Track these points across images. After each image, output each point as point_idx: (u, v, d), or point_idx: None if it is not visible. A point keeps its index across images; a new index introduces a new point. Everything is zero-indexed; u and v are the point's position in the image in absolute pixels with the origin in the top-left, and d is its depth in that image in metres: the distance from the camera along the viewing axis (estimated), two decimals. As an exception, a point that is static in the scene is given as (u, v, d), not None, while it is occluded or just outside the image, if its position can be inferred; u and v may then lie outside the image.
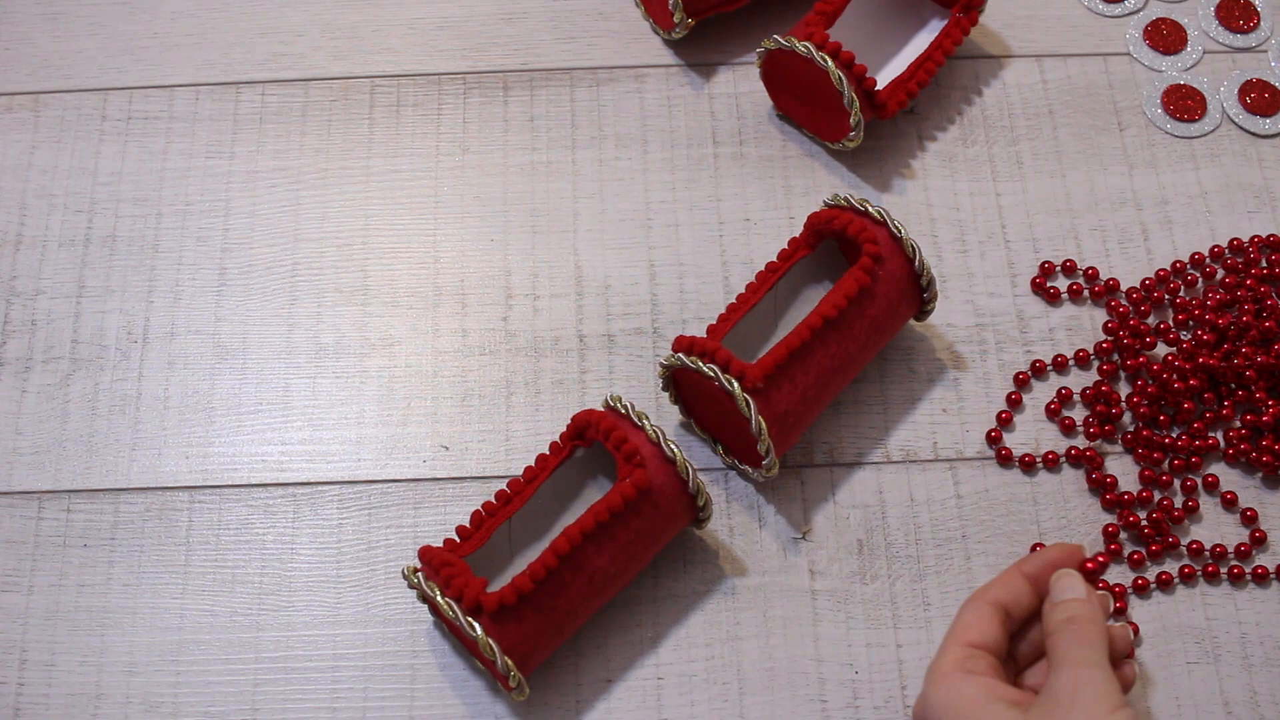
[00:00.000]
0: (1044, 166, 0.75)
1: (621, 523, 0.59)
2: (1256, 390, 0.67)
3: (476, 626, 0.56)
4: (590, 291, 0.71)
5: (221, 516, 0.66)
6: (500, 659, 0.56)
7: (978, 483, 0.67)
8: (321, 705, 0.62)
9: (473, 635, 0.56)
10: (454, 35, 0.79)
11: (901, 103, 0.73)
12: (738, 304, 0.66)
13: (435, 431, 0.68)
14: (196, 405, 0.69)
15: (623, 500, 0.58)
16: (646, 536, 0.60)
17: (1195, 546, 0.65)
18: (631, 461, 0.59)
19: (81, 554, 0.65)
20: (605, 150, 0.75)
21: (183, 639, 0.63)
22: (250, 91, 0.77)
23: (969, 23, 0.75)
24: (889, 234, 0.65)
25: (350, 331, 0.70)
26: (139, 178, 0.75)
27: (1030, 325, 0.71)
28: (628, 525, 0.59)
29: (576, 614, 0.60)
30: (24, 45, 0.79)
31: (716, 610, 0.64)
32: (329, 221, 0.73)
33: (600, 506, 0.58)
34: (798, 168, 0.75)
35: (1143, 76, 0.78)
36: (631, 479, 0.59)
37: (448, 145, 0.76)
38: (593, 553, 0.59)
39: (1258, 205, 0.74)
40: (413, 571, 0.59)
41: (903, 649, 0.63)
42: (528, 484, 0.61)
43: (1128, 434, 0.68)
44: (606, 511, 0.58)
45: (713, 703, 0.62)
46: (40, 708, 0.62)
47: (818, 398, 0.64)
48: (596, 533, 0.58)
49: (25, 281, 0.72)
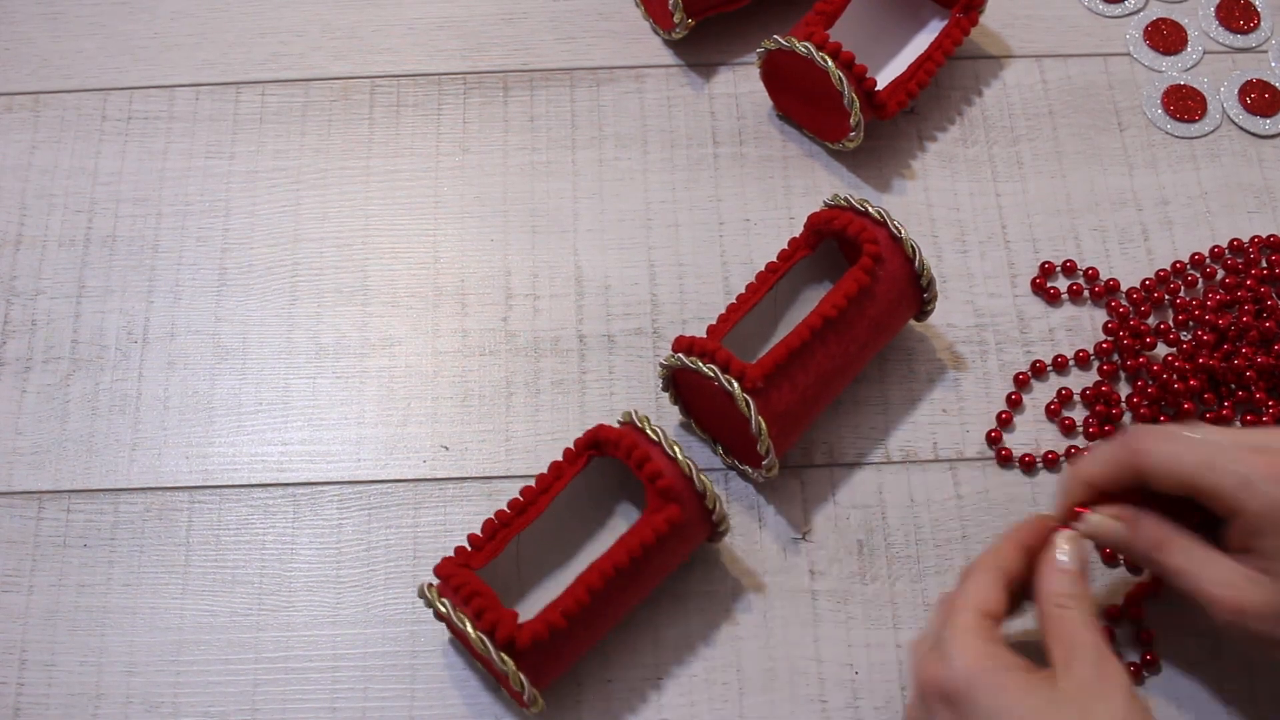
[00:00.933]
0: (1044, 166, 0.75)
1: (648, 555, 0.59)
2: (1256, 390, 0.67)
3: (509, 663, 0.56)
4: (590, 291, 0.71)
5: (221, 516, 0.66)
6: (529, 691, 0.57)
7: (978, 483, 0.67)
8: (321, 705, 0.62)
9: (504, 670, 0.56)
10: (454, 35, 0.79)
11: (901, 103, 0.73)
12: (738, 304, 0.66)
13: (435, 431, 0.68)
14: (196, 405, 0.69)
15: (656, 537, 0.58)
16: (667, 564, 0.61)
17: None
18: (667, 498, 0.59)
19: (81, 554, 0.65)
20: (605, 150, 0.75)
21: (183, 639, 0.63)
22: (250, 91, 0.77)
23: (969, 23, 0.75)
24: (889, 234, 0.65)
25: (350, 331, 0.70)
26: (139, 178, 0.75)
27: (1030, 325, 0.71)
28: (653, 557, 0.59)
29: (594, 637, 0.60)
30: (24, 45, 0.79)
31: (716, 610, 0.64)
32: (329, 221, 0.73)
33: (634, 542, 0.58)
34: (798, 168, 0.75)
35: (1143, 77, 0.78)
36: (666, 516, 0.59)
37: (448, 145, 0.76)
38: (619, 585, 0.59)
39: (1258, 205, 0.74)
40: (437, 596, 0.59)
41: (902, 649, 0.63)
42: (541, 494, 0.61)
43: (1128, 434, 0.68)
44: (640, 548, 0.58)
45: (713, 703, 0.62)
46: (40, 708, 0.62)
47: (818, 398, 0.64)
48: (628, 568, 0.58)
49: (25, 281, 0.72)
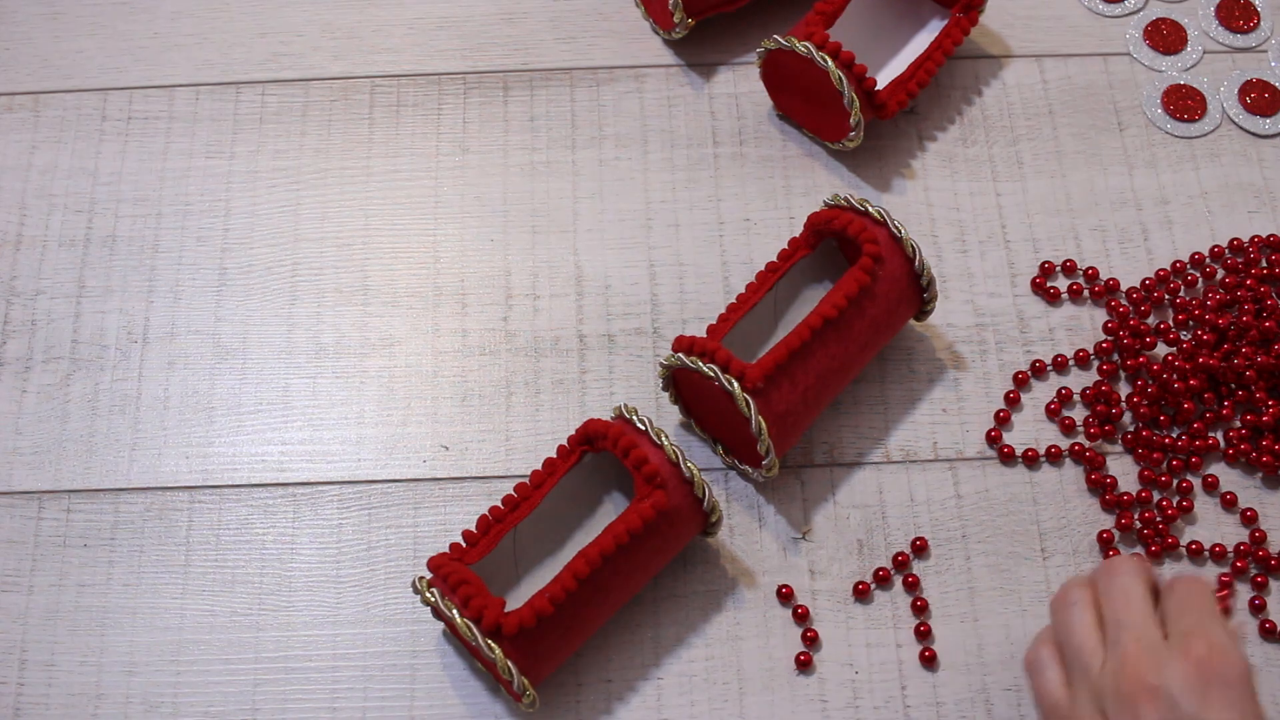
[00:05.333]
0: (1044, 166, 0.75)
1: (637, 543, 0.59)
2: (1256, 390, 0.67)
3: (496, 649, 0.56)
4: (590, 291, 0.71)
5: (221, 516, 0.66)
6: (517, 679, 0.57)
7: (978, 483, 0.67)
8: (321, 705, 0.62)
9: (491, 657, 0.56)
10: (454, 35, 0.79)
11: (901, 103, 0.73)
12: (738, 304, 0.66)
13: (435, 431, 0.68)
14: (196, 405, 0.69)
15: (643, 523, 0.58)
16: (659, 552, 0.60)
17: (1195, 547, 0.65)
18: (652, 483, 0.59)
19: (81, 554, 0.65)
20: (605, 150, 0.75)
21: (183, 639, 0.63)
22: (250, 91, 0.77)
23: (969, 23, 0.75)
24: (889, 234, 0.65)
25: (350, 331, 0.70)
26: (139, 178, 0.75)
27: (1030, 325, 0.71)
28: (643, 545, 0.59)
29: (587, 629, 0.60)
30: (24, 45, 0.79)
31: (716, 610, 0.64)
32: (329, 221, 0.73)
33: (620, 529, 0.58)
34: (798, 168, 0.75)
35: (1143, 76, 0.78)
36: (652, 502, 0.59)
37: (448, 145, 0.76)
38: (609, 573, 0.59)
39: (1258, 205, 0.74)
40: (426, 586, 0.59)
41: (902, 649, 0.63)
42: (535, 489, 0.61)
43: (1128, 434, 0.68)
44: (626, 534, 0.58)
45: (713, 703, 0.62)
46: (40, 708, 0.62)
47: (818, 398, 0.64)
48: (615, 555, 0.58)
49: (25, 281, 0.72)
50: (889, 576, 0.64)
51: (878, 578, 0.64)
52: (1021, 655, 0.62)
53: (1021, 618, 0.63)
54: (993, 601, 0.64)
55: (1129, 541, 0.65)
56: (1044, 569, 0.65)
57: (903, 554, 0.64)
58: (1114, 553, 0.65)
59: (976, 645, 0.63)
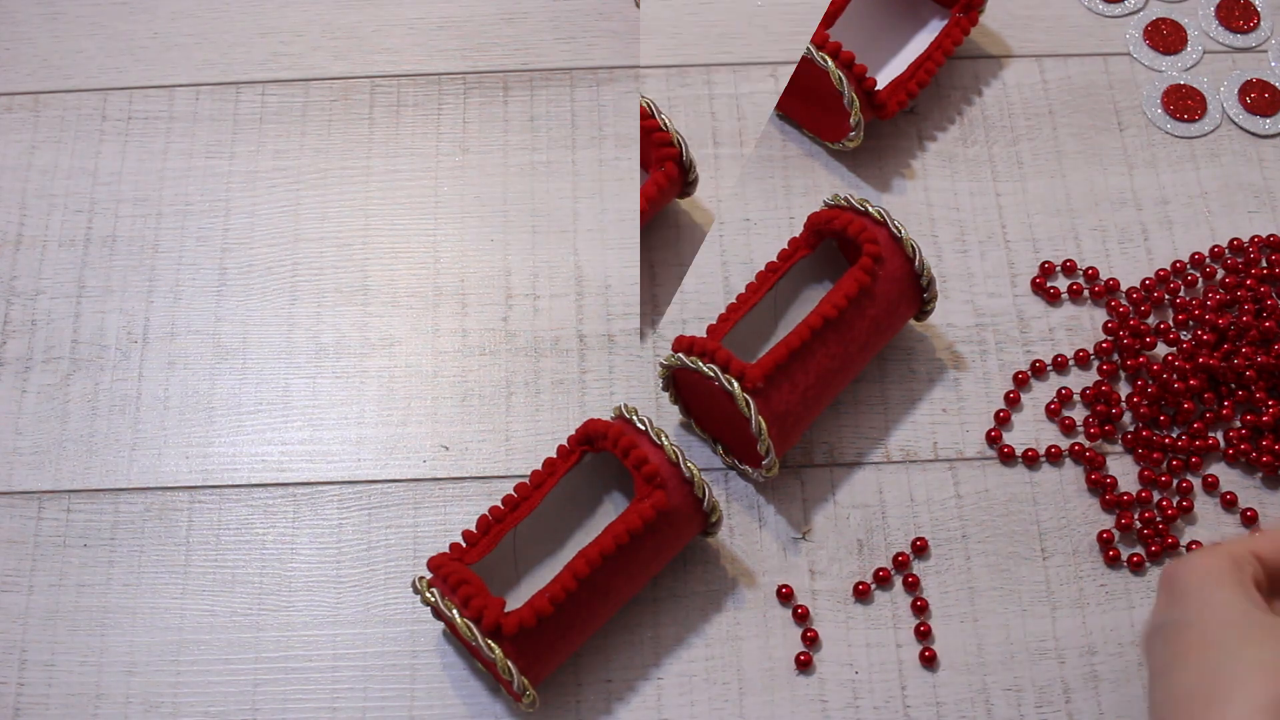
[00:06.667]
0: (1044, 166, 0.75)
1: (637, 543, 0.59)
2: (1256, 390, 0.67)
3: (496, 649, 0.56)
4: (590, 291, 0.71)
5: (221, 516, 0.66)
6: (517, 679, 0.57)
7: (978, 483, 0.67)
8: (321, 705, 0.62)
9: (491, 657, 0.56)
10: (454, 35, 0.79)
11: (901, 103, 0.73)
12: (738, 304, 0.66)
13: (435, 431, 0.68)
14: (196, 405, 0.69)
15: (643, 523, 0.58)
16: (659, 552, 0.60)
17: (1195, 547, 0.65)
18: (652, 483, 0.59)
19: (81, 554, 0.65)
20: (605, 150, 0.75)
21: (183, 639, 0.63)
22: (250, 91, 0.77)
23: (969, 23, 0.75)
24: (889, 234, 0.65)
25: (350, 331, 0.70)
26: (139, 178, 0.75)
27: (1030, 325, 0.71)
28: (643, 545, 0.59)
29: (587, 629, 0.60)
30: (24, 45, 0.79)
31: (716, 610, 0.64)
32: (329, 221, 0.73)
33: (620, 529, 0.58)
34: (798, 168, 0.75)
35: (1143, 76, 0.78)
36: (652, 501, 0.59)
37: (448, 145, 0.76)
38: (609, 573, 0.59)
39: (1258, 205, 0.74)
40: (426, 586, 0.59)
41: (902, 649, 0.63)
42: (535, 489, 0.61)
43: (1128, 434, 0.68)
44: (626, 534, 0.58)
45: (713, 703, 0.62)
46: (40, 708, 0.62)
47: (818, 398, 0.64)
48: (615, 555, 0.58)
49: (25, 281, 0.72)
50: (889, 576, 0.64)
51: (878, 578, 0.64)
52: (1021, 655, 0.62)
53: (1021, 618, 0.64)
54: (993, 601, 0.64)
55: (1129, 541, 0.65)
56: (1044, 569, 0.65)
57: (903, 554, 0.65)
58: (1114, 553, 0.65)
59: (976, 645, 0.63)
